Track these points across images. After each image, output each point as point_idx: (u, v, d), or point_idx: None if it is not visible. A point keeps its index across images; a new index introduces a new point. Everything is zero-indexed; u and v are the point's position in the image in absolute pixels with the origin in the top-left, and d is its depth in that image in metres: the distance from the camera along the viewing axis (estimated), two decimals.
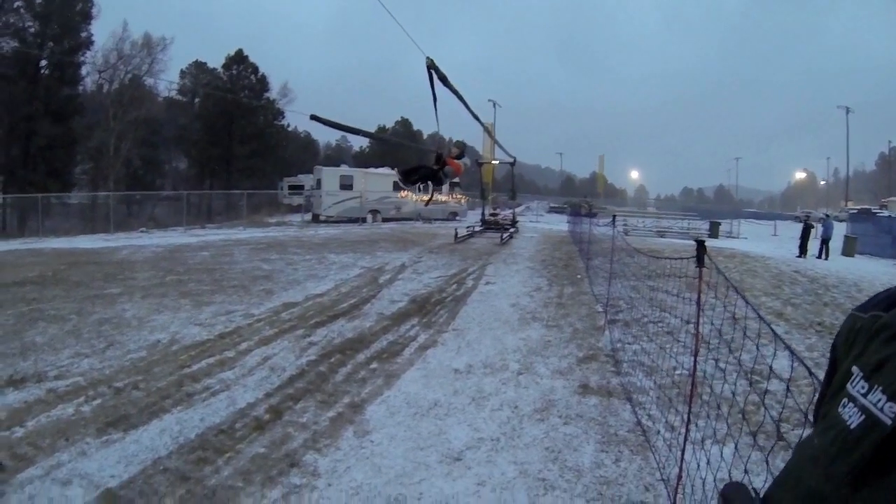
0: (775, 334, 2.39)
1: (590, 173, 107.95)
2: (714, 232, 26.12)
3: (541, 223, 31.13)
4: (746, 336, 3.37)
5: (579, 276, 11.26)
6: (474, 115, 12.17)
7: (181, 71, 45.02)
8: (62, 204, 29.79)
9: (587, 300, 8.96)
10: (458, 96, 9.49)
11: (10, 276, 9.65)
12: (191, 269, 11.32)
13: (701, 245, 3.34)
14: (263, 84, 44.90)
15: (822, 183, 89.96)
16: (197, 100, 45.25)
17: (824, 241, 18.84)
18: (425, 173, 8.93)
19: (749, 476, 2.71)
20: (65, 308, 7.62)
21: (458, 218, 30.35)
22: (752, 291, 9.94)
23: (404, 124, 63.87)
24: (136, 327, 6.82)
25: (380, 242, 17.41)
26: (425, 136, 58.30)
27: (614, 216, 8.82)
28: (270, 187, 37.45)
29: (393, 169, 31.36)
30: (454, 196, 32.68)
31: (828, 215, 23.45)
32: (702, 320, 3.28)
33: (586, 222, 14.54)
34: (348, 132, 9.49)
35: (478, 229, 21.40)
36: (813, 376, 1.85)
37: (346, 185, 28.19)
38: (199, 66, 45.69)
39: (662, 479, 3.49)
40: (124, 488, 3.29)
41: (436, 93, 7.97)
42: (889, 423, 0.72)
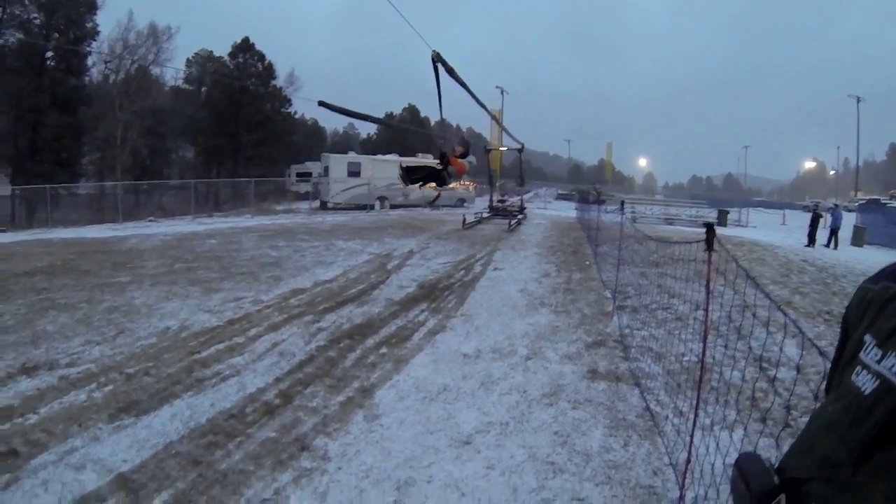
0: (788, 317, 2.37)
1: (598, 161, 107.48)
2: (722, 220, 25.91)
3: (549, 210, 31.04)
4: (755, 318, 3.35)
5: (587, 263, 11.23)
6: (482, 104, 12.11)
7: (187, 60, 44.93)
8: (70, 194, 29.83)
9: (595, 286, 8.93)
10: (466, 88, 9.44)
11: (20, 266, 9.71)
12: (199, 256, 11.35)
13: (710, 228, 3.31)
14: (270, 72, 44.66)
15: (832, 173, 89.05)
16: (203, 88, 45.16)
17: (833, 231, 18.77)
18: (429, 173, 8.90)
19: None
20: (75, 297, 7.65)
21: (465, 204, 30.23)
22: (761, 280, 9.85)
23: (412, 111, 63.46)
24: (146, 315, 6.85)
25: (388, 229, 17.41)
26: (433, 123, 57.98)
27: (622, 202, 8.75)
28: (278, 175, 37.43)
29: (401, 156, 31.28)
30: (462, 183, 32.57)
31: (836, 205, 23.28)
32: (711, 307, 3.26)
33: (594, 209, 14.49)
34: (356, 118, 9.49)
35: (486, 216, 21.33)
36: (824, 356, 1.83)
37: (353, 172, 28.08)
38: (205, 55, 45.59)
39: (671, 464, 3.49)
40: (137, 472, 3.31)
41: (441, 86, 7.94)
42: None
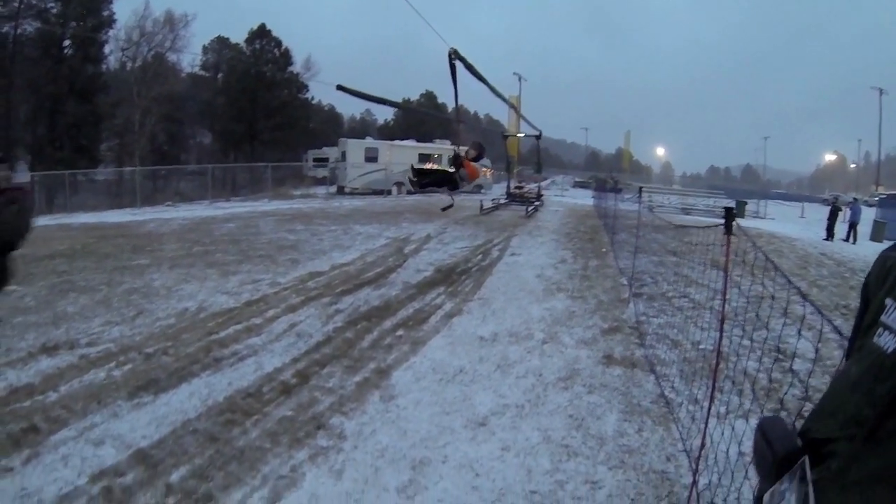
0: (809, 302, 2.34)
1: (615, 149, 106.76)
2: (740, 211, 25.62)
3: (566, 197, 30.91)
4: (772, 305, 3.31)
5: (604, 250, 11.18)
6: (500, 95, 12.05)
7: (203, 47, 45.04)
8: (89, 180, 30.11)
9: (612, 273, 8.90)
10: (484, 82, 9.38)
11: (41, 250, 9.83)
12: (217, 240, 11.44)
13: (729, 212, 3.28)
14: (287, 58, 44.77)
15: (853, 166, 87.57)
16: (220, 75, 45.34)
17: (852, 225, 18.52)
18: (440, 177, 8.85)
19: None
20: (94, 279, 7.74)
21: (482, 191, 30.16)
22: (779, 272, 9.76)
23: (429, 97, 63.17)
24: (165, 296, 6.92)
25: (405, 214, 17.46)
26: (449, 110, 57.77)
27: (641, 188, 8.70)
28: (295, 160, 37.45)
29: (419, 142, 31.15)
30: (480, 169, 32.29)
31: (856, 199, 22.92)
32: (728, 295, 3.23)
33: (611, 197, 14.41)
34: (374, 102, 9.47)
35: (503, 202, 21.28)
36: (843, 336, 1.81)
37: (371, 158, 28.05)
38: (221, 41, 45.68)
39: (685, 450, 3.48)
40: (155, 448, 3.36)
41: (457, 81, 7.89)
42: None
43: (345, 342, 5.36)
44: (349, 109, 76.90)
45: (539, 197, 23.05)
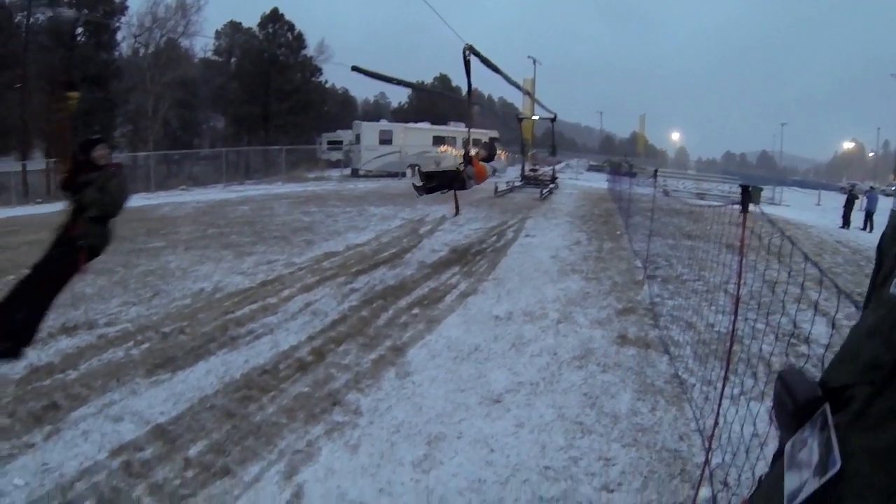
0: (829, 279, 2.32)
1: (630, 133, 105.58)
2: (756, 197, 25.30)
3: (580, 181, 30.65)
4: (786, 294, 3.29)
5: (618, 233, 11.12)
6: (515, 84, 12.01)
7: (216, 31, 44.82)
8: None
9: (626, 255, 8.86)
10: (500, 72, 9.32)
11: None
12: (231, 222, 11.51)
13: (746, 190, 3.25)
14: (300, 41, 44.53)
15: (871, 155, 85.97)
16: (233, 59, 45.28)
17: (868, 214, 18.29)
18: (448, 178, 8.81)
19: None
20: (111, 261, 7.77)
21: (497, 174, 30.04)
22: (794, 258, 9.68)
23: (443, 80, 62.69)
24: (181, 277, 6.99)
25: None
26: (463, 94, 57.28)
27: (656, 170, 8.62)
28: (309, 143, 37.42)
29: (433, 124, 30.98)
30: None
31: (873, 187, 22.60)
32: (742, 279, 3.21)
33: (626, 181, 14.31)
34: (389, 82, 9.44)
35: (517, 184, 21.18)
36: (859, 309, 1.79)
37: (385, 140, 27.97)
38: (234, 26, 45.57)
39: (698, 430, 3.47)
40: (173, 424, 3.41)
41: (471, 76, 7.84)
42: None
43: (360, 320, 5.40)
44: (363, 93, 76.84)
45: (553, 180, 22.91)
